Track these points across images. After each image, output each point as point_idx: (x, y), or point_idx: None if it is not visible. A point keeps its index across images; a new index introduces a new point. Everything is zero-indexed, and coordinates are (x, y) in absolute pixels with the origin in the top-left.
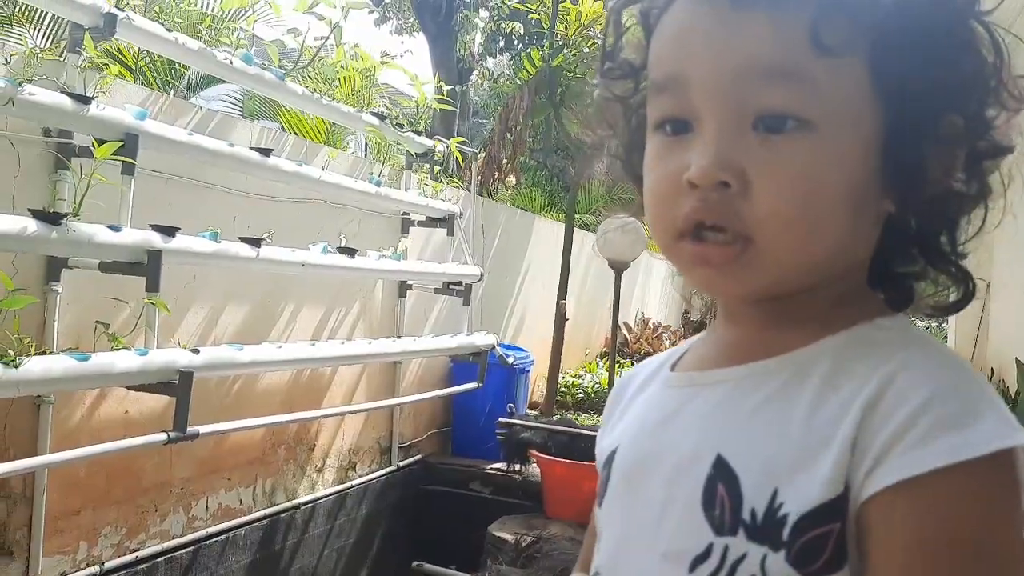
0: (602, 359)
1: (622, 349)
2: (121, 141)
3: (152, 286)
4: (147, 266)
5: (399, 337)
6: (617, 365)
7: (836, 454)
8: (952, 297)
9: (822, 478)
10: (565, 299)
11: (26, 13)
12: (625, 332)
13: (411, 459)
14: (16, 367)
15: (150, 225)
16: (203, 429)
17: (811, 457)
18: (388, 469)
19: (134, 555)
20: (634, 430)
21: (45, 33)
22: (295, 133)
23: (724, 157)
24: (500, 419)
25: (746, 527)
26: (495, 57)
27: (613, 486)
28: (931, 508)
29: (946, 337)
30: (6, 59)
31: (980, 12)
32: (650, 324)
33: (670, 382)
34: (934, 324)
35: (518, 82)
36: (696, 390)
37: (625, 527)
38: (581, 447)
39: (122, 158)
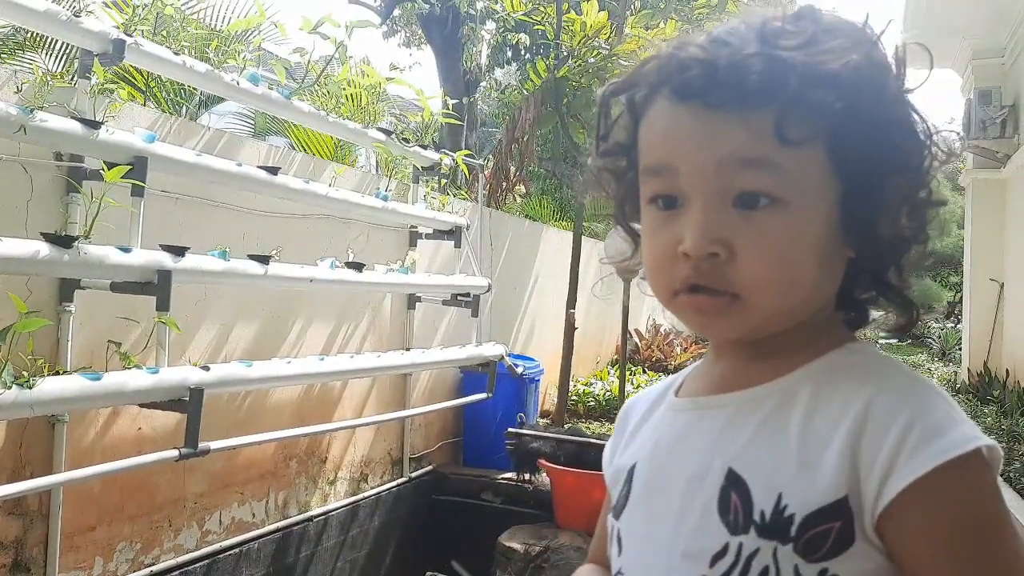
0: (614, 367)
1: (633, 356)
2: (131, 164)
3: (163, 305)
4: (157, 285)
5: (408, 349)
6: (629, 373)
7: (833, 466)
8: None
9: (822, 486)
10: (574, 308)
11: (37, 40)
12: (636, 339)
13: (423, 470)
14: (30, 388)
15: (160, 245)
16: (214, 445)
17: (807, 467)
18: (400, 480)
19: (148, 570)
20: (649, 448)
21: (57, 58)
22: (304, 149)
23: (712, 232)
24: (509, 429)
25: (756, 526)
26: (502, 68)
27: (635, 497)
28: (936, 498)
29: (960, 339)
30: (18, 86)
31: (907, 95)
32: (661, 331)
33: (677, 406)
34: (950, 325)
35: (524, 93)
36: (701, 413)
37: (646, 531)
38: (590, 456)
39: (132, 180)
